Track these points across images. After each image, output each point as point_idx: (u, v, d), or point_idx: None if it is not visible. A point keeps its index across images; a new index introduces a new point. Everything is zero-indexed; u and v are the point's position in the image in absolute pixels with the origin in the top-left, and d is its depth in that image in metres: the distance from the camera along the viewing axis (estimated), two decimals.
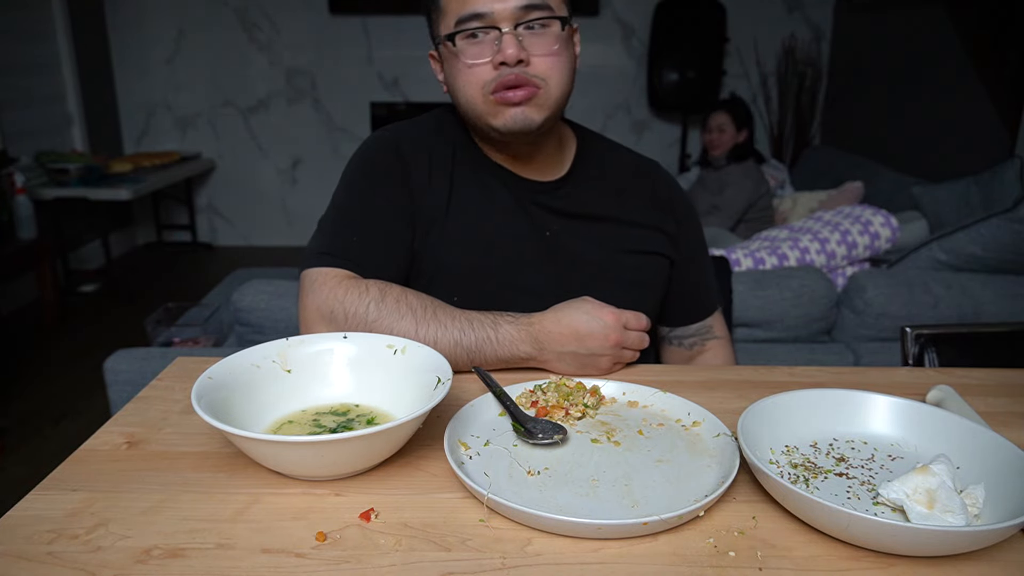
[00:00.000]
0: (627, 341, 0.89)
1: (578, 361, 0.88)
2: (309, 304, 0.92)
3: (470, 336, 0.88)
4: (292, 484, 0.64)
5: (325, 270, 0.93)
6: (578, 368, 0.88)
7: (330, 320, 0.90)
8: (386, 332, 0.86)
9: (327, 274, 0.93)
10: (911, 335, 1.13)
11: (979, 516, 0.58)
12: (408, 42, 4.62)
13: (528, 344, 0.88)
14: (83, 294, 3.92)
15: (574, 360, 0.88)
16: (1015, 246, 1.95)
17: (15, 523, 0.57)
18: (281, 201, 4.95)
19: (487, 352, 0.88)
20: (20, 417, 2.59)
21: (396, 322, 0.88)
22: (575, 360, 0.88)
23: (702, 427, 0.73)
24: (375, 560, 0.54)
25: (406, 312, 0.89)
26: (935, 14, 3.34)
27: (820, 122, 4.58)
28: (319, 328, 0.91)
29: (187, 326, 2.24)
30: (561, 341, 0.87)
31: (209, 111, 4.77)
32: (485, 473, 0.64)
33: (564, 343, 0.87)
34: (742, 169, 3.14)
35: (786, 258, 2.17)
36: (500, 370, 0.89)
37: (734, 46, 4.51)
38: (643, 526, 0.56)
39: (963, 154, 3.12)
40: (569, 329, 0.87)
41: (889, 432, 0.71)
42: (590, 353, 0.87)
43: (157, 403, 0.79)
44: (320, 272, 0.93)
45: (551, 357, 0.88)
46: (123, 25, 4.61)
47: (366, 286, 0.91)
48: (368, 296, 0.89)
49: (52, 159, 3.72)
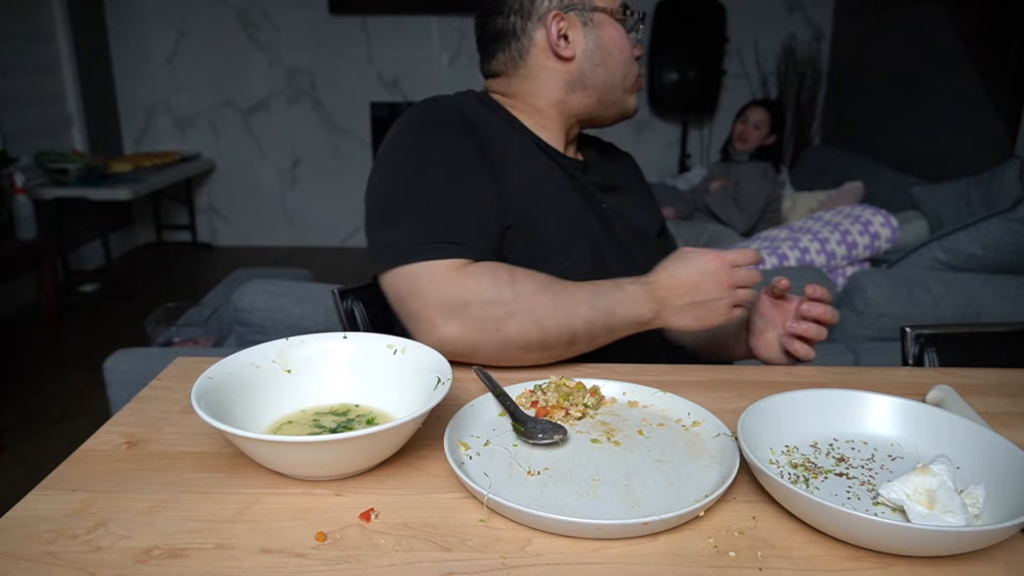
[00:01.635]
0: (738, 279, 0.90)
1: (696, 312, 0.89)
2: (431, 300, 0.85)
3: (602, 299, 0.88)
4: (292, 484, 0.64)
5: (437, 263, 0.86)
6: (699, 319, 0.89)
7: (462, 311, 0.84)
8: (523, 311, 0.84)
9: (442, 266, 0.86)
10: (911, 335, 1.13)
11: (979, 516, 0.58)
12: (408, 42, 4.62)
13: (650, 302, 0.89)
14: (83, 294, 3.92)
15: (692, 311, 0.89)
16: (1015, 246, 1.95)
17: (15, 523, 0.57)
18: (281, 201, 4.95)
19: (619, 314, 0.88)
20: (20, 417, 2.59)
21: (532, 298, 0.85)
22: (693, 311, 0.89)
23: (702, 427, 0.73)
24: (375, 560, 0.54)
25: (537, 287, 0.87)
26: (935, 14, 3.34)
27: (820, 122, 4.57)
28: (449, 323, 0.84)
29: (187, 326, 2.24)
30: (677, 294, 0.89)
31: (209, 111, 4.77)
32: (485, 473, 0.64)
33: (680, 295, 0.89)
34: (760, 169, 3.12)
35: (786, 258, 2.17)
36: (500, 368, 0.89)
37: (734, 46, 4.51)
38: (643, 526, 0.56)
39: (963, 154, 3.11)
40: (680, 282, 0.89)
41: (889, 432, 0.71)
42: (706, 300, 0.89)
43: (157, 403, 0.79)
44: (433, 266, 0.86)
45: (670, 313, 0.90)
46: (123, 25, 4.61)
47: (490, 269, 0.87)
48: (499, 279, 0.85)
49: (52, 159, 3.72)
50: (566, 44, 1.02)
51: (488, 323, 0.84)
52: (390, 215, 0.92)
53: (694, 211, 3.34)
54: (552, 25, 1.01)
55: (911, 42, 3.56)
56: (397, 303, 0.90)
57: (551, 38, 1.02)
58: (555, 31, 1.01)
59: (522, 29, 1.03)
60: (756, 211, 3.08)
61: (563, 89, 1.05)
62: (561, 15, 1.01)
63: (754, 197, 3.07)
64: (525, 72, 1.05)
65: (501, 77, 1.08)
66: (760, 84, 4.59)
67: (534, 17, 1.02)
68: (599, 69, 1.04)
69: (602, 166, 1.15)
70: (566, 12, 1.02)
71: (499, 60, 1.06)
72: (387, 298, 0.93)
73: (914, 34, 3.53)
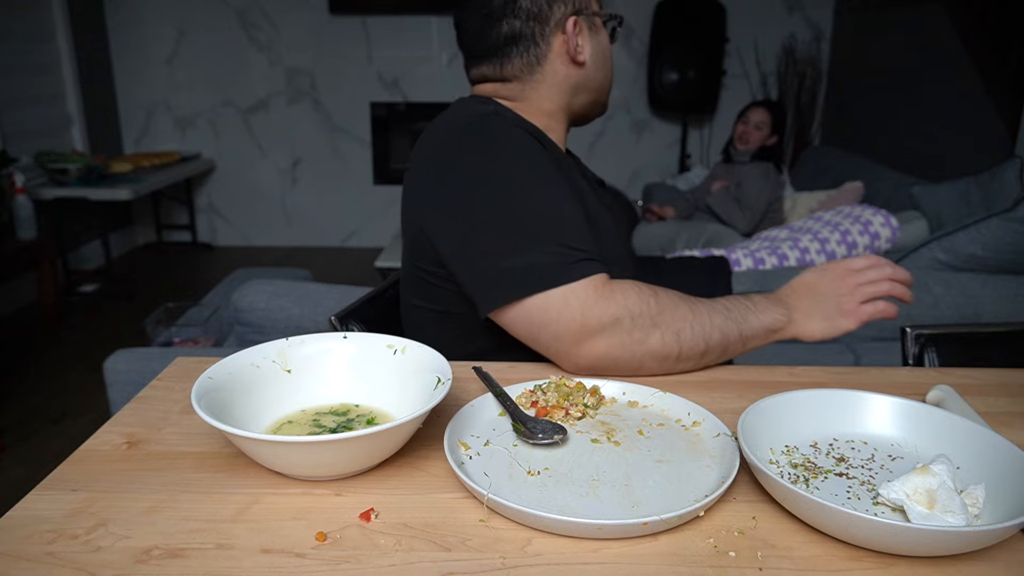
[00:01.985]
0: (862, 277, 0.93)
1: (823, 311, 0.92)
2: (583, 320, 0.84)
3: (735, 309, 0.90)
4: (292, 484, 0.64)
5: (583, 282, 0.86)
6: (829, 320, 0.92)
7: (613, 328, 0.85)
8: (666, 323, 0.86)
9: (588, 285, 0.86)
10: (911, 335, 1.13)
11: (979, 516, 0.58)
12: (408, 42, 4.62)
13: (780, 306, 0.92)
14: (83, 294, 3.92)
15: (820, 312, 0.92)
16: (1015, 246, 1.95)
17: (15, 523, 0.57)
18: (281, 201, 4.95)
19: (752, 322, 0.90)
20: (20, 417, 2.59)
21: (674, 310, 0.87)
22: (821, 312, 0.92)
23: (702, 427, 0.73)
24: (375, 560, 0.54)
25: (677, 299, 0.89)
26: (935, 14, 3.34)
27: (820, 122, 4.58)
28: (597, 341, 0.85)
29: (187, 326, 2.24)
30: (799, 295, 0.93)
31: (209, 111, 4.77)
32: (485, 473, 0.64)
33: (801, 295, 0.93)
34: (762, 169, 3.12)
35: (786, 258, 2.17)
36: (502, 368, 0.89)
37: (734, 46, 4.51)
38: (643, 526, 0.56)
39: (963, 154, 3.11)
40: (800, 285, 0.94)
41: (889, 432, 0.71)
42: (830, 296, 0.92)
43: (157, 403, 0.79)
44: (580, 286, 0.85)
45: (800, 317, 0.92)
46: (123, 25, 4.61)
47: (632, 284, 0.88)
48: (643, 293, 0.87)
49: (52, 159, 3.72)
50: (580, 49, 1.03)
51: (635, 337, 0.86)
52: (515, 241, 0.87)
53: (695, 211, 3.35)
54: (572, 30, 1.01)
55: (911, 42, 3.56)
56: (537, 329, 0.87)
57: (570, 43, 1.02)
58: (572, 35, 1.02)
59: (540, 34, 1.01)
60: (758, 211, 3.08)
61: (569, 92, 1.05)
62: (578, 20, 1.02)
63: (756, 197, 3.07)
64: (540, 77, 1.04)
65: (512, 82, 1.04)
66: (760, 84, 4.59)
67: (551, 22, 1.01)
68: (600, 72, 1.06)
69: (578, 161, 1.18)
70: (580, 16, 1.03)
71: (514, 65, 1.03)
72: (512, 329, 0.89)
73: (914, 34, 3.53)
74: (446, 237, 0.92)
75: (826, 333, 0.92)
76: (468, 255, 0.90)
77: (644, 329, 0.85)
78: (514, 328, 0.90)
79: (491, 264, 0.88)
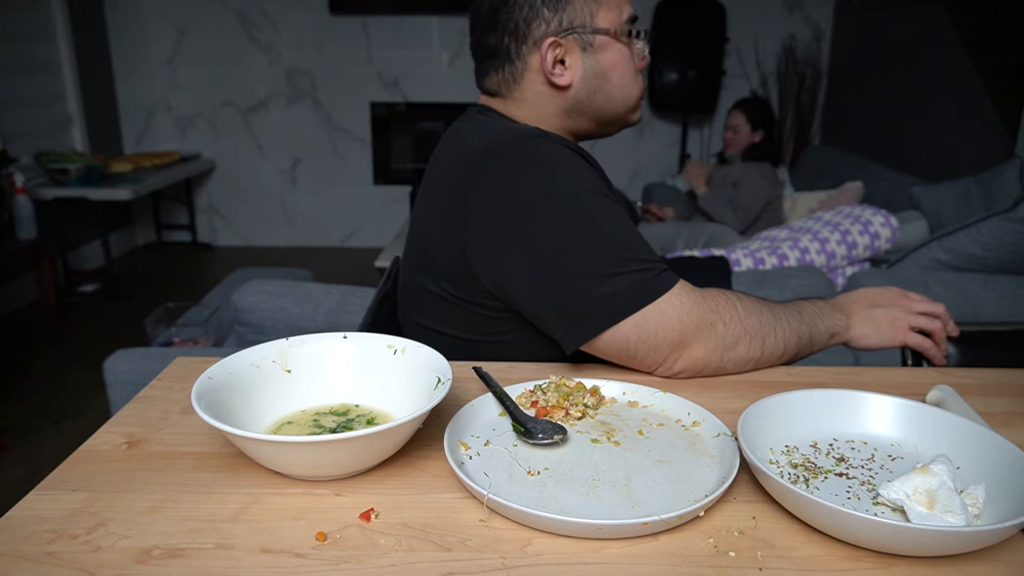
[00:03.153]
0: (919, 306, 1.00)
1: (877, 321, 0.98)
2: (681, 327, 0.84)
3: (807, 314, 0.94)
4: (292, 484, 0.64)
5: (676, 288, 0.85)
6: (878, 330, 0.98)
7: (708, 332, 0.85)
8: (753, 328, 0.88)
9: (679, 294, 0.85)
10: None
11: (979, 516, 0.58)
12: (408, 42, 4.62)
13: (840, 312, 0.97)
14: (83, 294, 3.92)
15: (874, 322, 0.98)
16: (1015, 246, 1.95)
17: (15, 523, 0.57)
18: (281, 201, 4.95)
19: (820, 326, 0.95)
20: (20, 417, 2.59)
21: (759, 316, 0.89)
22: (875, 321, 0.98)
23: (702, 427, 0.73)
24: (375, 560, 0.54)
25: (760, 305, 0.91)
26: (935, 14, 3.34)
27: (820, 122, 4.58)
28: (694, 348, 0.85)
29: (187, 326, 2.24)
30: (859, 305, 0.99)
31: (209, 111, 4.77)
32: (485, 473, 0.64)
33: (861, 305, 0.99)
34: (759, 170, 3.13)
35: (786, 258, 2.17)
36: (500, 369, 0.89)
37: (734, 46, 4.51)
38: (643, 526, 0.56)
39: (963, 154, 3.12)
40: (860, 295, 1.01)
41: (889, 432, 0.71)
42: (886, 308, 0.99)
43: (157, 403, 0.79)
44: (673, 295, 0.85)
45: (856, 322, 0.98)
46: (123, 25, 4.61)
47: (718, 291, 0.90)
48: (730, 299, 0.89)
49: (52, 159, 3.72)
50: (563, 71, 0.96)
51: (727, 342, 0.87)
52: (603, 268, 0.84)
53: (694, 212, 3.35)
54: (548, 53, 0.94)
55: (911, 42, 3.56)
56: (634, 346, 0.85)
57: (545, 65, 0.95)
58: (550, 58, 0.94)
59: (516, 52, 0.96)
60: (753, 211, 3.08)
61: (561, 115, 0.99)
62: (558, 42, 0.94)
63: (751, 197, 3.08)
64: (520, 96, 0.99)
65: (497, 97, 1.01)
66: (760, 84, 4.59)
67: (529, 41, 0.95)
68: (596, 96, 0.98)
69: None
70: (564, 37, 0.94)
71: (493, 79, 1.00)
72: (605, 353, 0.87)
73: (914, 34, 3.53)
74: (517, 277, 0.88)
75: (874, 342, 0.98)
76: (552, 292, 0.86)
77: (735, 334, 0.87)
78: (608, 352, 0.87)
79: (582, 296, 0.84)
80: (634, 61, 1.00)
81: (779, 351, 0.91)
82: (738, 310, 0.88)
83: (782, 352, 0.91)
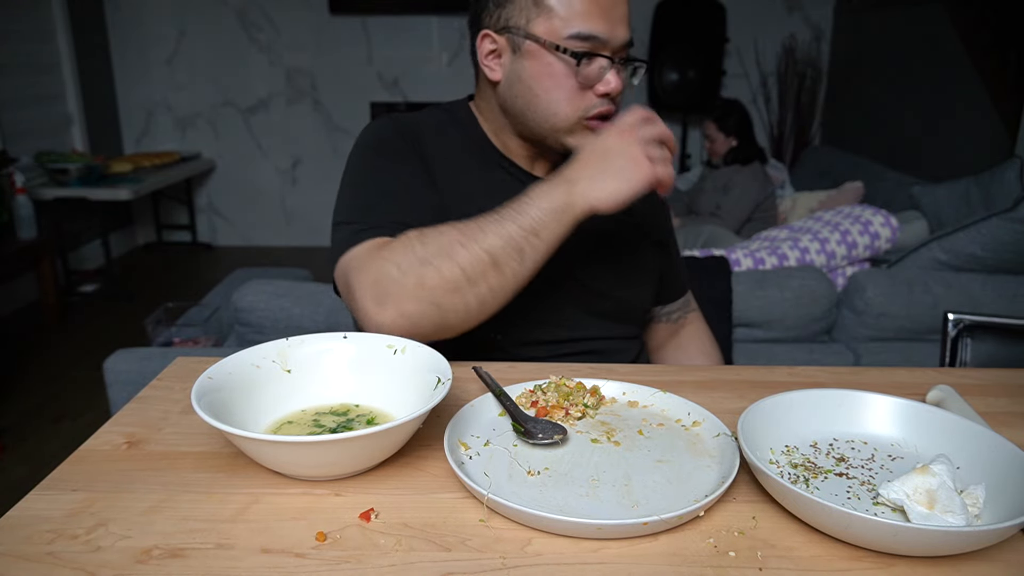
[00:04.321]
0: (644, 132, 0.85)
1: (613, 170, 0.83)
2: (361, 285, 0.84)
3: (506, 209, 0.84)
4: (292, 484, 0.64)
5: (358, 247, 0.87)
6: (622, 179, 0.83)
7: (387, 285, 0.82)
8: (434, 253, 0.82)
9: (363, 249, 0.87)
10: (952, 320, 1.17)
11: (979, 516, 0.58)
12: (408, 42, 4.62)
13: (560, 184, 0.84)
14: (83, 294, 3.92)
15: (610, 173, 0.83)
16: (1015, 246, 1.95)
17: (15, 523, 0.57)
18: (281, 201, 4.95)
19: (531, 212, 0.83)
20: (20, 417, 2.59)
21: (440, 238, 0.83)
22: (611, 172, 0.83)
23: (702, 427, 0.73)
24: (375, 560, 0.54)
25: (445, 228, 0.84)
26: (935, 14, 3.34)
27: (820, 122, 4.58)
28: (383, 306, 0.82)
29: (187, 326, 2.24)
30: (584, 164, 0.85)
31: (209, 111, 4.77)
32: (485, 473, 0.64)
33: (587, 164, 0.85)
34: (749, 172, 3.15)
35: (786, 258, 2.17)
36: (498, 367, 0.89)
37: (734, 46, 4.51)
38: (643, 526, 0.56)
39: (963, 154, 3.12)
40: (584, 154, 0.86)
41: (889, 432, 0.71)
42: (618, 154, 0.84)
43: (157, 403, 0.79)
44: (355, 251, 0.87)
45: (585, 187, 0.84)
46: (123, 25, 4.61)
47: (402, 237, 0.86)
48: (409, 240, 0.84)
49: (52, 159, 3.72)
50: (496, 66, 0.97)
51: (410, 282, 0.81)
52: (335, 228, 0.94)
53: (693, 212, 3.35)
54: (481, 44, 0.97)
55: (911, 42, 3.56)
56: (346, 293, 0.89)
57: (480, 56, 0.98)
58: (483, 51, 0.97)
59: (472, 40, 0.99)
60: (743, 210, 3.11)
61: (498, 110, 1.00)
62: (492, 36, 0.96)
63: (738, 199, 3.10)
64: (480, 86, 1.03)
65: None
66: (760, 84, 4.59)
67: (478, 31, 0.98)
68: (519, 101, 0.96)
69: None
70: (500, 33, 0.95)
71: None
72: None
73: (914, 34, 3.53)
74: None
75: (622, 191, 0.83)
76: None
77: (417, 272, 0.81)
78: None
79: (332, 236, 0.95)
80: (572, 79, 0.92)
81: (484, 259, 0.82)
82: (415, 247, 0.83)
83: (490, 259, 0.82)
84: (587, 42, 0.91)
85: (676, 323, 1.21)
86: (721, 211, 3.13)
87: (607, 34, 0.91)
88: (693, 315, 1.23)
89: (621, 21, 0.93)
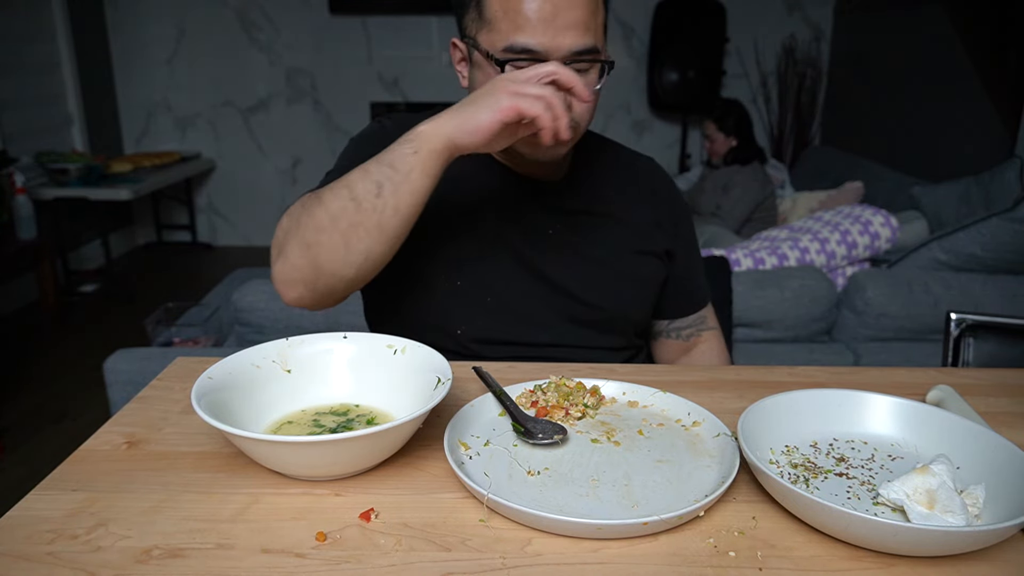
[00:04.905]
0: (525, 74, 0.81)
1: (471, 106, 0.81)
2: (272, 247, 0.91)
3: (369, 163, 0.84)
4: (292, 484, 0.64)
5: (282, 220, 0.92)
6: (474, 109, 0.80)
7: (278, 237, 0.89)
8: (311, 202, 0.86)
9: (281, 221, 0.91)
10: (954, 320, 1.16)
11: (979, 516, 0.58)
12: (408, 42, 4.62)
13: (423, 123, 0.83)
14: (83, 294, 3.92)
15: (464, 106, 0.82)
16: (1015, 246, 1.95)
17: (15, 523, 0.57)
18: (281, 201, 4.95)
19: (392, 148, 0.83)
20: (20, 417, 2.59)
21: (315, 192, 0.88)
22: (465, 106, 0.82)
23: (702, 427, 0.73)
24: (375, 560, 0.54)
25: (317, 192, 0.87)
26: (935, 14, 3.34)
27: (820, 122, 4.57)
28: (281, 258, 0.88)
29: (187, 326, 2.24)
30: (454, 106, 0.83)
31: (209, 111, 4.77)
32: (485, 473, 0.64)
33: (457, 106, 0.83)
34: (749, 172, 3.16)
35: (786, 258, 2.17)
36: (498, 367, 0.89)
37: (734, 46, 4.51)
38: (643, 526, 0.56)
39: (963, 154, 3.11)
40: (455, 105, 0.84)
41: (889, 432, 0.71)
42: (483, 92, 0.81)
43: (157, 403, 0.79)
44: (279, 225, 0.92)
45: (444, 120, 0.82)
46: (123, 25, 4.61)
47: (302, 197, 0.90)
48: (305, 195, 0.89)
49: (52, 159, 3.72)
50: (464, 72, 0.99)
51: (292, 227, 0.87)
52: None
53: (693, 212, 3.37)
54: (453, 50, 1.00)
55: (911, 42, 3.57)
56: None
57: (454, 62, 1.00)
58: (455, 57, 1.00)
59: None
60: (743, 210, 3.12)
61: None
62: (457, 43, 0.98)
63: (738, 199, 3.11)
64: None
65: None
66: (760, 84, 4.59)
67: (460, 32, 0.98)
68: None
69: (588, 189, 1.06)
70: (463, 41, 0.96)
71: None
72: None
73: (914, 34, 3.53)
74: None
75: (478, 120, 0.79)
76: None
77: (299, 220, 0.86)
78: None
79: None
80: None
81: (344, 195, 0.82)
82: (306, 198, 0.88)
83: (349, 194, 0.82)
84: (524, 54, 0.88)
85: (688, 340, 1.15)
86: (721, 211, 3.13)
87: (544, 46, 0.87)
88: (708, 334, 1.16)
89: (570, 28, 0.87)
